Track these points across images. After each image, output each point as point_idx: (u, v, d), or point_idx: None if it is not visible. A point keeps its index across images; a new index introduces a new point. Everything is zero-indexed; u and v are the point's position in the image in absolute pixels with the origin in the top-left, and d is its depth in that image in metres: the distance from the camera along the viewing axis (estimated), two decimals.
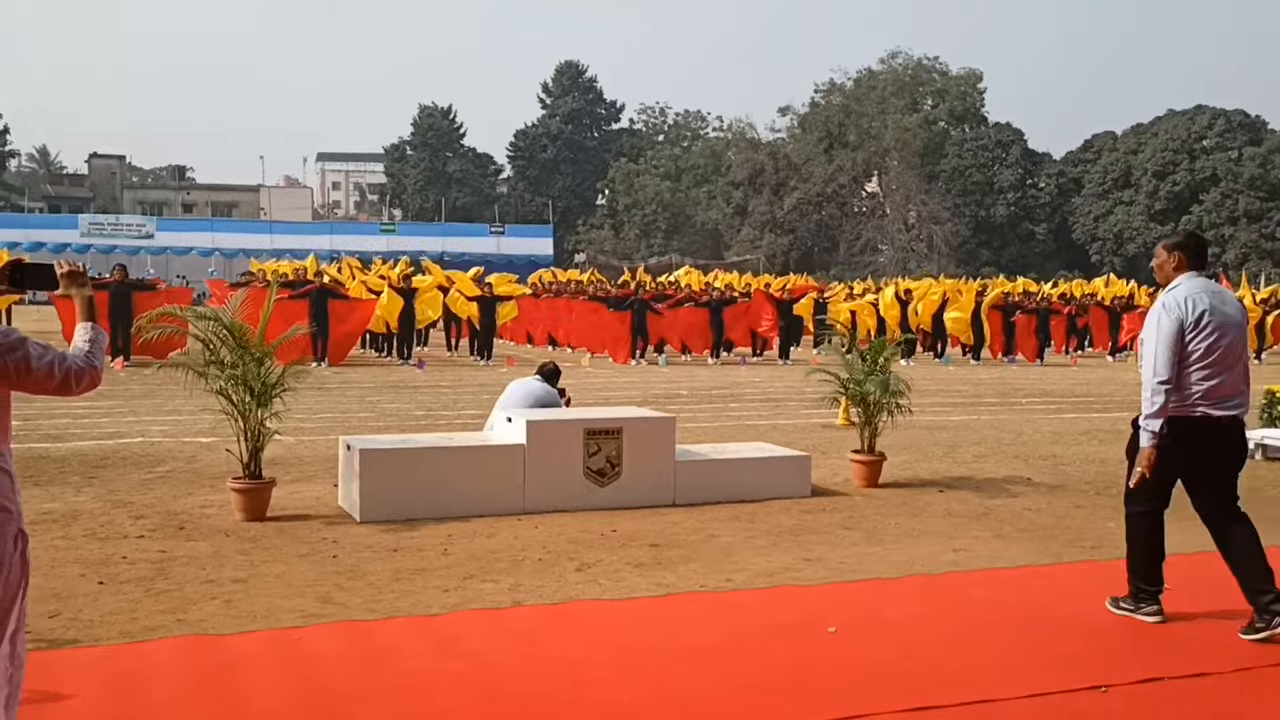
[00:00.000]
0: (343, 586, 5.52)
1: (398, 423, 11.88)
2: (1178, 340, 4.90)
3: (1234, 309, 5.07)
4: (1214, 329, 4.92)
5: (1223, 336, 4.93)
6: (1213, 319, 4.93)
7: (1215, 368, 4.92)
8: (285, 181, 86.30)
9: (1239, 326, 5.04)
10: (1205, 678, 4.34)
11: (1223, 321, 4.95)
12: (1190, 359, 4.91)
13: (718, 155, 77.40)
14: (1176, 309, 4.95)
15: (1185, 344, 4.90)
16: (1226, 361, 4.94)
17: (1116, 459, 10.13)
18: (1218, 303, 5.01)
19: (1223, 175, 64.94)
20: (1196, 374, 4.92)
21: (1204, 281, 5.09)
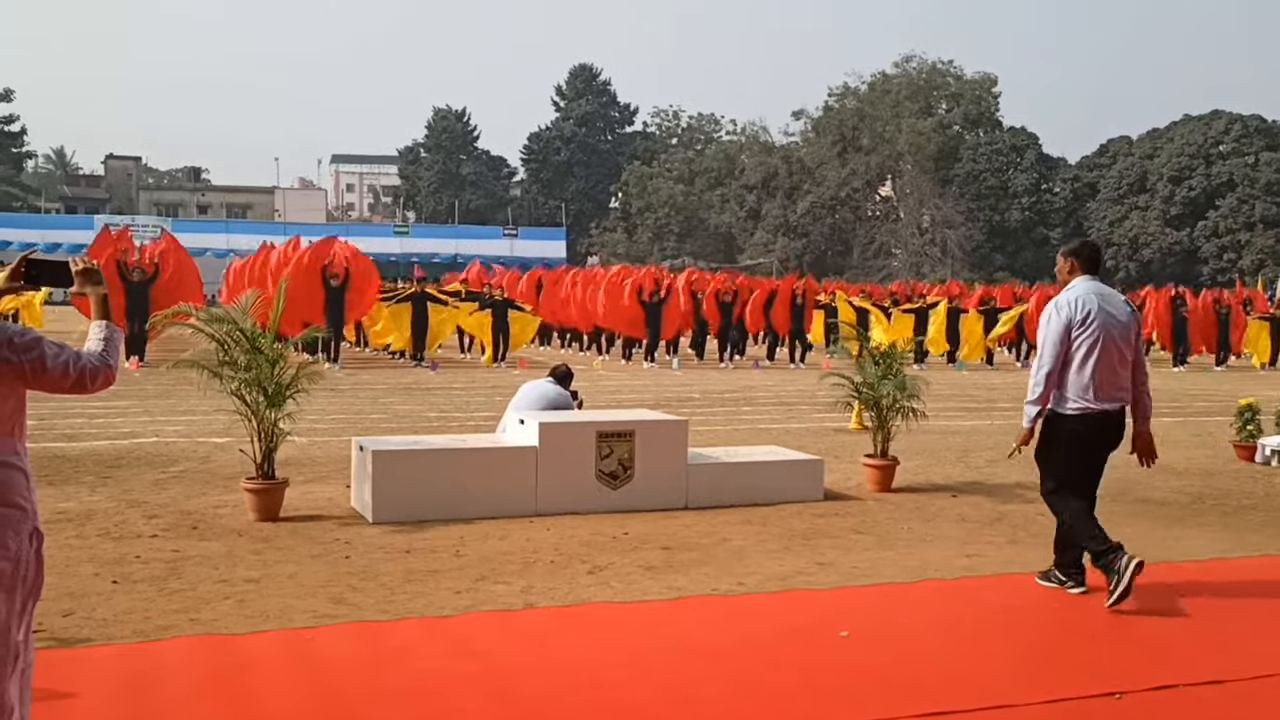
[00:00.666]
0: (355, 587, 5.53)
1: (410, 424, 11.90)
2: (1064, 336, 5.48)
3: (1120, 311, 5.62)
4: (1098, 328, 5.48)
5: (1106, 335, 5.48)
6: (1098, 319, 5.49)
7: (1100, 365, 5.47)
8: (300, 183, 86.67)
9: (1123, 326, 5.56)
10: (1221, 685, 4.31)
11: (1106, 321, 5.50)
12: (1077, 356, 5.47)
13: (731, 159, 77.39)
14: (1067, 309, 5.53)
15: (1072, 340, 5.47)
16: (1108, 359, 5.49)
17: (1129, 464, 10.08)
18: (1105, 304, 5.56)
19: (1239, 180, 64.62)
20: (1083, 370, 5.48)
21: (1095, 285, 5.63)
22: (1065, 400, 5.54)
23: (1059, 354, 5.49)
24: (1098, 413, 5.51)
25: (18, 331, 2.82)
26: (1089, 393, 5.49)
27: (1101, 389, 5.50)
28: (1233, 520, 7.74)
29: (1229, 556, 6.62)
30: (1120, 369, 5.56)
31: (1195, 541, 7.01)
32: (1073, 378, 5.51)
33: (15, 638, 2.81)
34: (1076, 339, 5.48)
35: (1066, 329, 5.49)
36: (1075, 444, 5.58)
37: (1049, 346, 5.52)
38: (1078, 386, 5.50)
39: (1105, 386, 5.50)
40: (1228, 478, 9.55)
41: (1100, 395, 5.50)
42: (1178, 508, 8.16)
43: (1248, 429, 10.51)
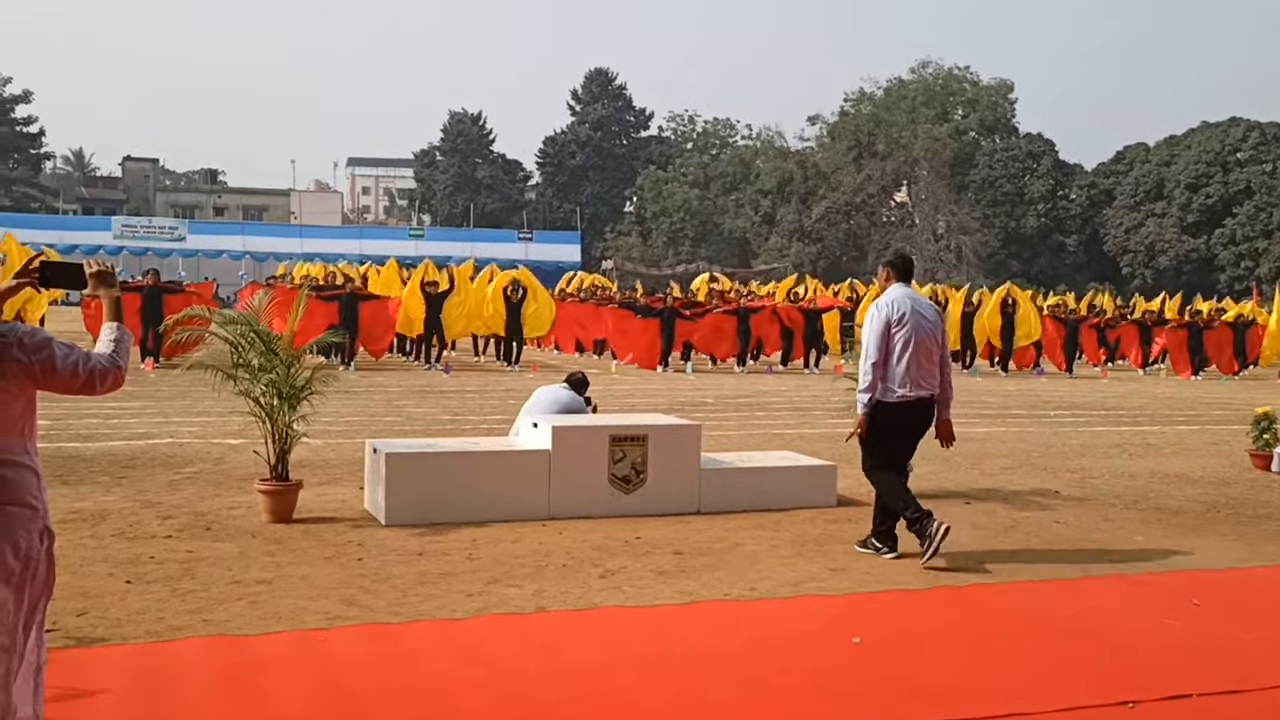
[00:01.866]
0: (367, 589, 5.54)
1: (424, 427, 11.93)
2: (885, 333, 6.34)
3: (929, 312, 6.57)
4: (912, 327, 6.36)
5: (918, 333, 6.35)
6: (911, 319, 6.38)
7: (914, 358, 6.35)
8: (316, 186, 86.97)
9: (932, 325, 6.48)
10: (1237, 695, 4.28)
11: (917, 322, 6.40)
12: (895, 351, 6.33)
13: (746, 164, 77.33)
14: (886, 309, 6.42)
15: (891, 336, 6.32)
16: (920, 353, 6.36)
17: (1146, 472, 10.06)
18: (916, 307, 6.49)
19: (1257, 188, 64.23)
20: (900, 363, 6.34)
21: (908, 290, 6.58)
22: (887, 390, 6.38)
23: (882, 348, 6.33)
24: (913, 399, 6.38)
25: (28, 332, 2.84)
26: (905, 382, 6.35)
27: (915, 379, 6.36)
28: (1248, 529, 7.69)
29: (1244, 566, 6.58)
30: (929, 363, 6.43)
31: (1210, 550, 6.96)
32: (892, 369, 6.36)
33: (21, 636, 2.82)
34: (895, 335, 6.33)
35: (886, 327, 6.35)
36: (893, 427, 6.42)
37: (873, 342, 6.37)
38: (896, 377, 6.36)
39: (919, 377, 6.37)
40: (1243, 486, 9.49)
41: (915, 384, 6.36)
42: (1193, 516, 8.11)
43: (1264, 437, 10.45)
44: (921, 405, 6.45)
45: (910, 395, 6.36)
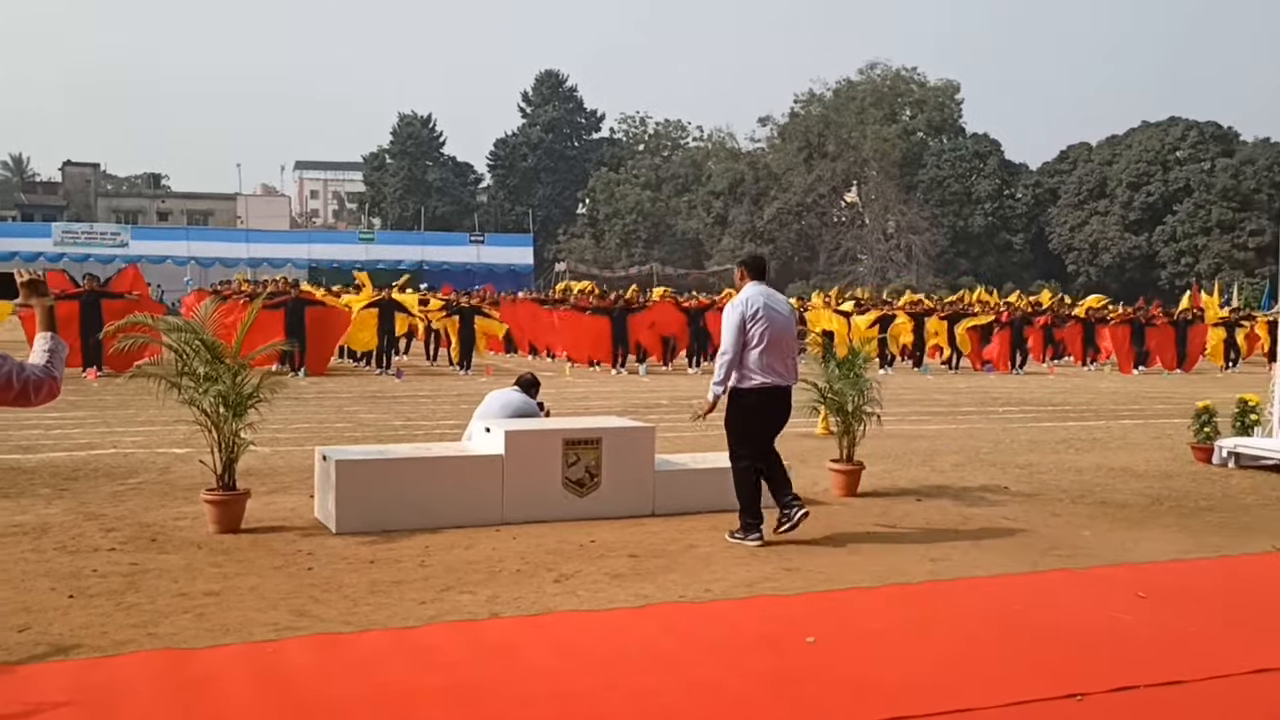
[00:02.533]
0: (318, 599, 5.47)
1: (375, 433, 11.82)
2: (740, 328, 6.83)
3: (782, 308, 7.08)
4: (766, 322, 6.83)
5: (771, 327, 6.84)
6: (764, 314, 6.85)
7: (769, 350, 6.83)
8: (262, 190, 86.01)
9: (786, 319, 7.02)
10: (1180, 685, 4.35)
11: (771, 317, 6.87)
12: (752, 343, 6.81)
13: (698, 165, 77.59)
14: (742, 306, 6.90)
15: (747, 331, 6.81)
16: (775, 345, 6.86)
17: (1093, 467, 10.21)
18: (770, 303, 6.96)
19: (1196, 186, 65.51)
20: (757, 354, 6.82)
21: (762, 288, 7.04)
22: (746, 378, 6.86)
23: (737, 342, 6.82)
24: (771, 387, 6.87)
25: None
26: (764, 371, 6.84)
27: (773, 368, 6.86)
28: (1191, 521, 7.83)
29: (1188, 557, 6.70)
30: (786, 354, 6.95)
31: (1155, 543, 7.08)
32: (752, 360, 6.84)
33: None
34: (750, 329, 6.82)
35: (741, 322, 6.84)
36: (755, 412, 6.90)
37: (729, 336, 6.87)
38: (756, 366, 6.84)
39: (776, 366, 6.87)
40: (1186, 479, 9.66)
41: (772, 372, 6.86)
42: (1138, 509, 8.24)
43: (1205, 431, 10.65)
44: (779, 392, 6.93)
45: (768, 382, 6.86)
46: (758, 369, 6.85)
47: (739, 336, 6.84)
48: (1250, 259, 62.88)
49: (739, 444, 6.98)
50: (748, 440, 6.96)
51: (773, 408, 6.95)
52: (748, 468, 6.94)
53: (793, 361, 7.08)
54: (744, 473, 6.94)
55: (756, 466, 6.94)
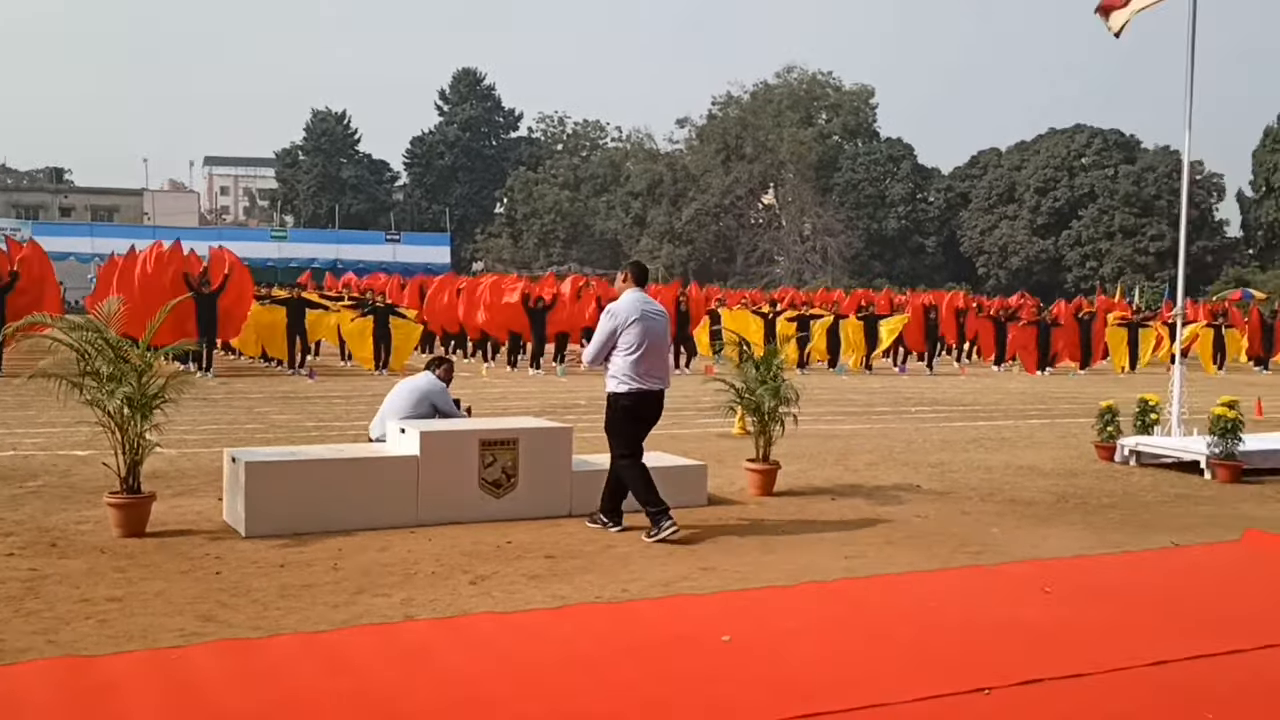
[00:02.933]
0: (226, 604, 5.35)
1: (287, 434, 11.61)
2: (611, 333, 7.10)
3: (657, 314, 7.29)
4: (642, 328, 7.08)
5: (647, 333, 7.09)
6: (641, 321, 7.10)
7: (645, 354, 7.07)
8: (170, 185, 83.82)
9: (661, 325, 7.26)
10: (1083, 678, 4.47)
11: (649, 324, 7.14)
12: (629, 348, 7.05)
13: (617, 165, 77.70)
14: (618, 313, 7.15)
15: (619, 336, 7.07)
16: (651, 350, 7.11)
17: (1001, 465, 10.44)
18: (646, 309, 7.22)
19: (1100, 192, 67.46)
20: (634, 358, 7.05)
21: (640, 294, 7.30)
22: (622, 382, 7.09)
23: (604, 344, 7.13)
24: (646, 391, 7.11)
25: None
26: (639, 376, 7.07)
27: (648, 373, 7.10)
28: (1094, 518, 8.05)
29: (1091, 553, 6.89)
30: (660, 359, 7.24)
31: (1060, 540, 7.27)
32: (628, 365, 7.07)
33: None
34: (624, 334, 7.06)
35: (614, 328, 7.10)
36: (630, 415, 7.13)
37: (598, 338, 7.18)
38: (631, 372, 7.07)
39: (651, 371, 7.12)
40: (1090, 477, 9.94)
41: (647, 378, 7.10)
42: (1044, 507, 8.45)
43: (1108, 430, 10.97)
44: (654, 396, 7.19)
45: (643, 387, 7.11)
46: (635, 375, 7.08)
47: (608, 339, 7.13)
48: (1151, 263, 64.92)
49: (620, 445, 7.18)
50: (628, 441, 7.16)
51: (647, 411, 7.21)
52: (632, 464, 7.13)
53: (666, 365, 7.40)
54: (630, 469, 7.14)
55: (639, 459, 7.17)
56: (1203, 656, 4.75)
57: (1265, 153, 68.38)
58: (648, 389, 7.13)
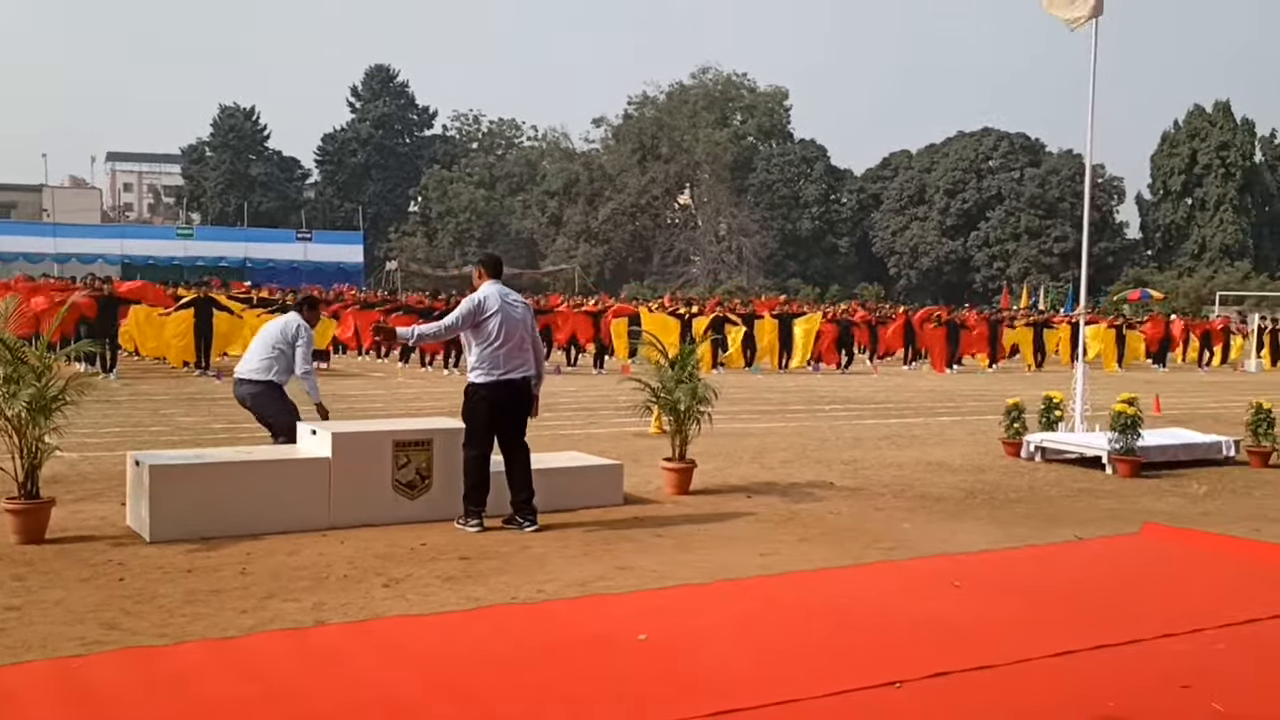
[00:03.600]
0: (129, 611, 5.20)
1: (194, 437, 11.35)
2: (469, 315, 7.17)
3: (517, 305, 7.36)
4: (501, 318, 7.15)
5: (506, 323, 7.17)
6: (499, 312, 7.17)
7: (504, 345, 7.15)
8: (71, 182, 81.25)
9: (521, 315, 7.32)
10: (990, 669, 4.57)
11: (508, 314, 7.20)
12: (488, 340, 7.13)
13: (532, 164, 77.38)
14: (476, 300, 7.22)
15: (479, 325, 7.14)
16: (511, 341, 7.18)
17: (912, 462, 10.63)
18: (505, 300, 7.28)
19: (1007, 194, 69.11)
20: (494, 350, 7.13)
21: (498, 286, 7.34)
22: (481, 372, 7.17)
23: (455, 326, 7.23)
24: (505, 382, 7.18)
25: None
26: (498, 366, 7.15)
27: (507, 362, 7.16)
28: (1001, 513, 8.25)
29: (999, 547, 7.05)
30: (521, 350, 7.27)
31: (969, 535, 7.42)
32: (486, 355, 7.15)
33: None
34: (481, 325, 7.13)
35: (470, 314, 7.16)
36: (489, 405, 7.16)
37: (453, 318, 7.26)
38: (490, 362, 7.15)
39: (510, 360, 7.18)
40: (997, 473, 10.17)
41: (507, 368, 7.17)
42: (953, 503, 8.63)
43: (1014, 427, 11.24)
44: (515, 386, 7.25)
45: (505, 377, 7.17)
46: (493, 364, 7.16)
47: (463, 323, 7.19)
48: (1055, 264, 66.71)
49: (471, 436, 7.24)
50: (480, 432, 7.21)
51: (508, 401, 7.24)
52: (476, 457, 7.18)
53: (531, 355, 7.40)
54: (472, 461, 7.19)
55: (485, 455, 7.22)
56: (1105, 647, 4.89)
57: (1163, 157, 70.79)
58: (507, 379, 7.19)
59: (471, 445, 7.23)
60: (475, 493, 7.19)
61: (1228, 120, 68.83)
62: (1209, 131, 68.82)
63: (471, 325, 7.20)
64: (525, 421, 7.40)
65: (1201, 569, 6.58)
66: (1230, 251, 66.72)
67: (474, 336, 7.23)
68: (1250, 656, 4.87)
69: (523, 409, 7.35)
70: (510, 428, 7.30)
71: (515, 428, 7.32)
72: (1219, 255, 66.75)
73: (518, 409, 7.32)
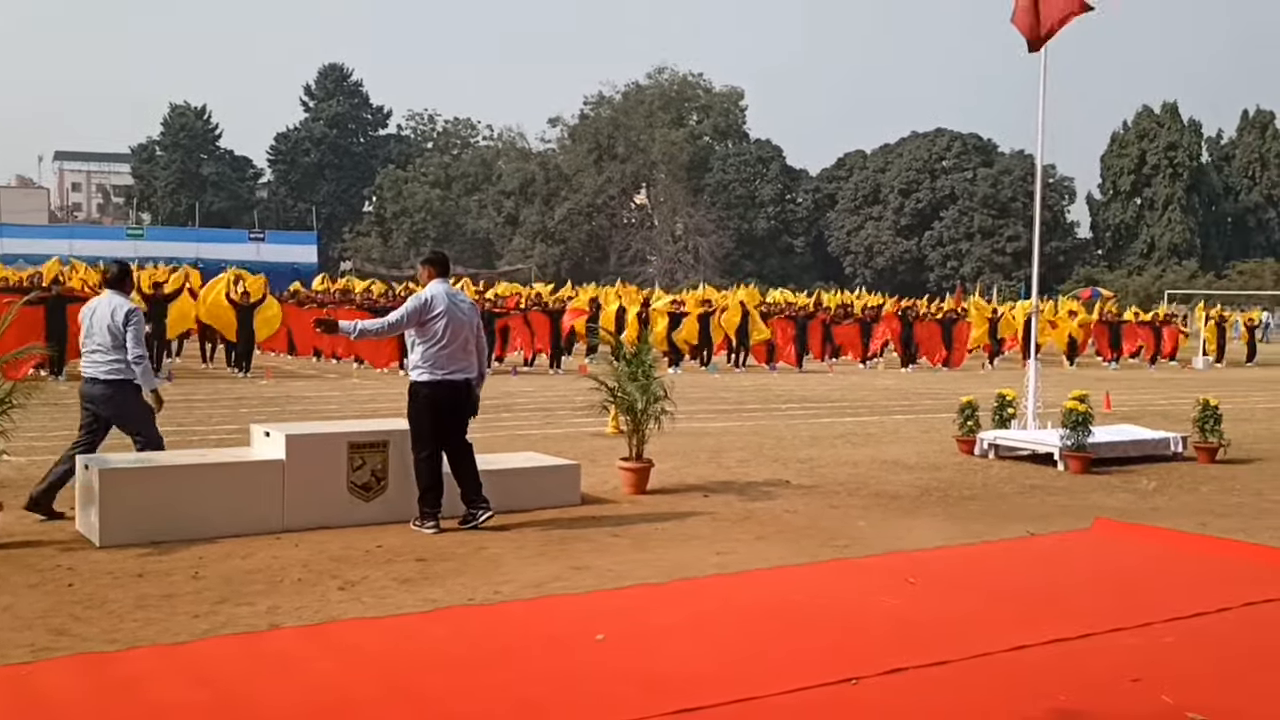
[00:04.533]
0: (79, 617, 5.12)
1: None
2: (415, 312, 7.13)
3: (463, 305, 7.36)
4: (447, 319, 7.12)
5: (452, 323, 7.12)
6: (446, 312, 7.13)
7: (449, 346, 7.12)
8: (18, 181, 79.90)
9: (467, 315, 7.29)
10: (945, 665, 4.61)
11: (454, 314, 7.17)
12: (434, 340, 7.08)
13: (488, 164, 77.12)
14: (422, 300, 7.17)
15: (425, 324, 7.09)
16: (456, 341, 7.15)
17: (868, 460, 10.71)
18: (451, 300, 7.25)
19: (960, 194, 69.87)
20: (439, 350, 7.11)
21: (445, 285, 7.34)
22: (424, 372, 7.13)
23: (400, 323, 7.20)
24: (448, 382, 7.15)
25: None
26: (441, 366, 7.12)
27: (450, 362, 7.14)
28: (956, 510, 8.33)
29: (953, 544, 7.11)
30: (466, 349, 7.24)
31: (924, 531, 7.49)
32: (430, 355, 7.12)
33: None
34: (427, 324, 7.09)
35: (416, 312, 7.11)
36: (432, 406, 7.13)
37: (398, 315, 7.23)
38: (433, 361, 7.12)
39: (454, 361, 7.16)
40: (951, 470, 10.27)
41: (450, 368, 7.14)
42: (908, 500, 8.70)
43: (968, 424, 11.35)
44: (456, 386, 7.21)
45: (448, 378, 7.15)
46: (436, 364, 7.13)
47: (407, 321, 7.16)
48: (1008, 263, 67.54)
49: (418, 437, 7.19)
50: (427, 433, 7.17)
51: (451, 401, 7.20)
52: (426, 458, 7.15)
53: (474, 357, 7.35)
54: (423, 463, 7.16)
55: (435, 455, 7.18)
56: (1058, 641, 4.95)
57: (1113, 157, 71.89)
58: (449, 380, 7.16)
59: (420, 446, 7.18)
60: (430, 494, 7.15)
61: (1175, 121, 70.07)
62: (1157, 132, 70.02)
63: (417, 324, 7.16)
64: (467, 421, 7.37)
65: (1151, 564, 6.69)
66: (1178, 250, 67.91)
67: (419, 335, 7.17)
68: (1198, 649, 4.95)
69: (465, 409, 7.31)
70: (454, 427, 7.26)
71: (458, 428, 7.29)
72: (1167, 254, 67.92)
73: (460, 409, 7.28)
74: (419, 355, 7.18)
